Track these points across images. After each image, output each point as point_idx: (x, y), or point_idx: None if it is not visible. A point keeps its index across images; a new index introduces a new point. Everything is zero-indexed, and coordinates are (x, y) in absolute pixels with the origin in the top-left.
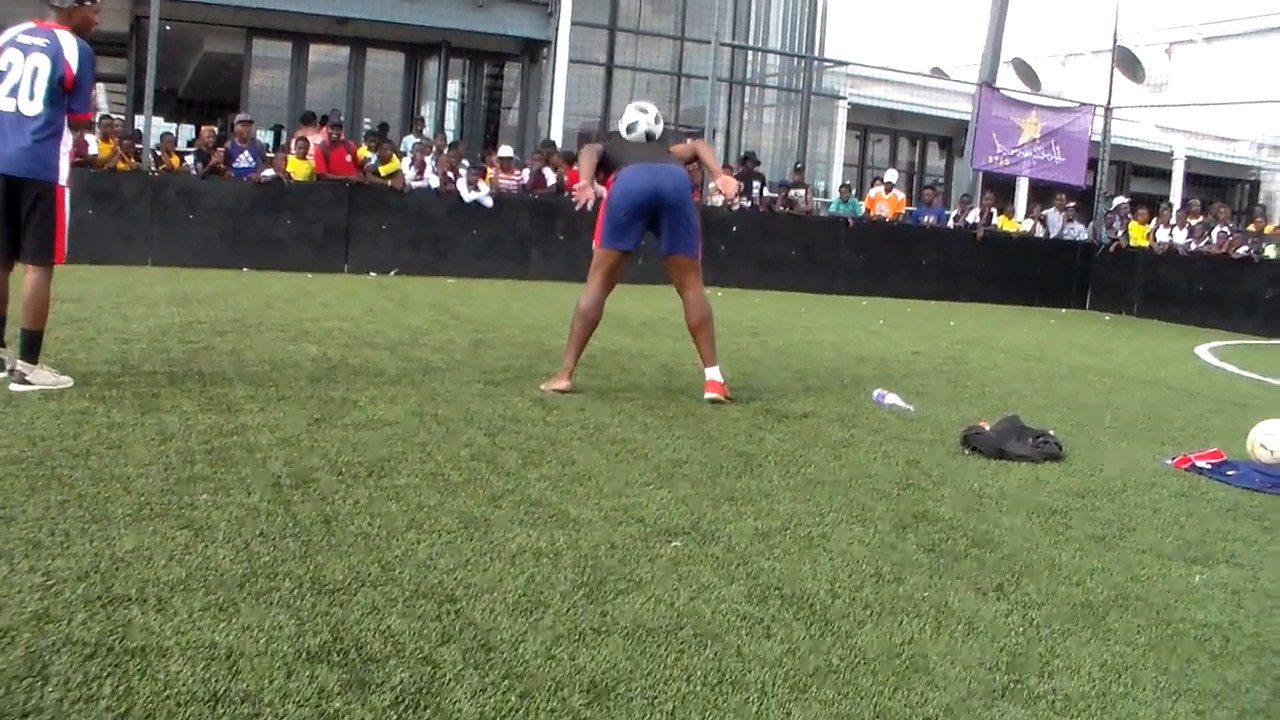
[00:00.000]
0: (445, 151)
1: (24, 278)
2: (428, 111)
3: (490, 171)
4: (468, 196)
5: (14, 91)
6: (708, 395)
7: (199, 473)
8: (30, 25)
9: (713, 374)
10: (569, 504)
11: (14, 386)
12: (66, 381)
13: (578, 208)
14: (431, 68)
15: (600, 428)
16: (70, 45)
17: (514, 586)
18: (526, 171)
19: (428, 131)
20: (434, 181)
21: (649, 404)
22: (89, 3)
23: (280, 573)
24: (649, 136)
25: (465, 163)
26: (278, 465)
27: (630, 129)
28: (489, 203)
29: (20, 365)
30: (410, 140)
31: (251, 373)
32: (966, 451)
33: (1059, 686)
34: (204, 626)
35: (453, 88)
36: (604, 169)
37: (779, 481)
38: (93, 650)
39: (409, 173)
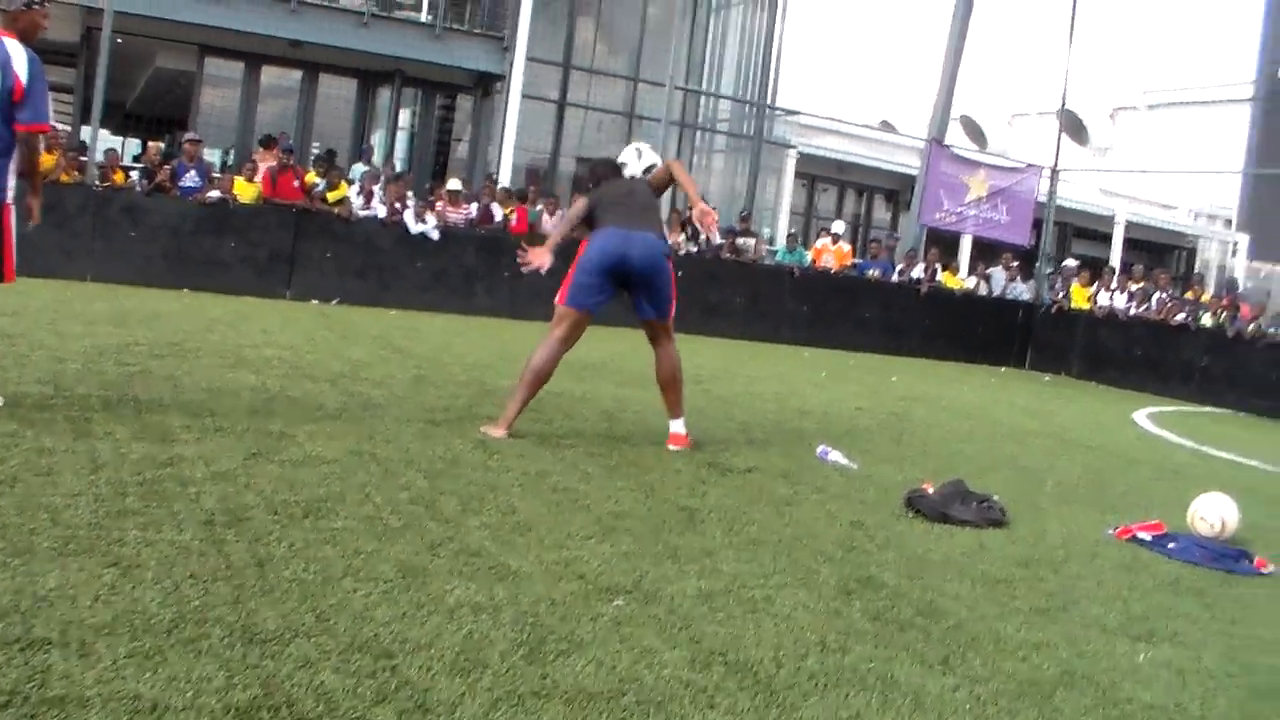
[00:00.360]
0: (393, 182)
1: None
2: (378, 140)
3: (438, 204)
4: (414, 228)
5: None
6: (670, 446)
7: (130, 506)
8: None
9: (676, 426)
10: (509, 555)
11: None
12: None
13: (526, 270)
14: (384, 96)
15: (541, 475)
16: (18, 54)
17: (452, 643)
18: (474, 206)
19: (376, 160)
20: (381, 211)
21: (591, 451)
22: (37, 6)
23: (210, 619)
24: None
25: (410, 194)
26: (211, 501)
27: (620, 167)
28: (435, 235)
29: None
30: (359, 168)
31: (188, 400)
32: (910, 514)
33: None
34: (128, 676)
35: (404, 117)
36: (586, 222)
37: (722, 539)
38: (7, 699)
39: (356, 201)
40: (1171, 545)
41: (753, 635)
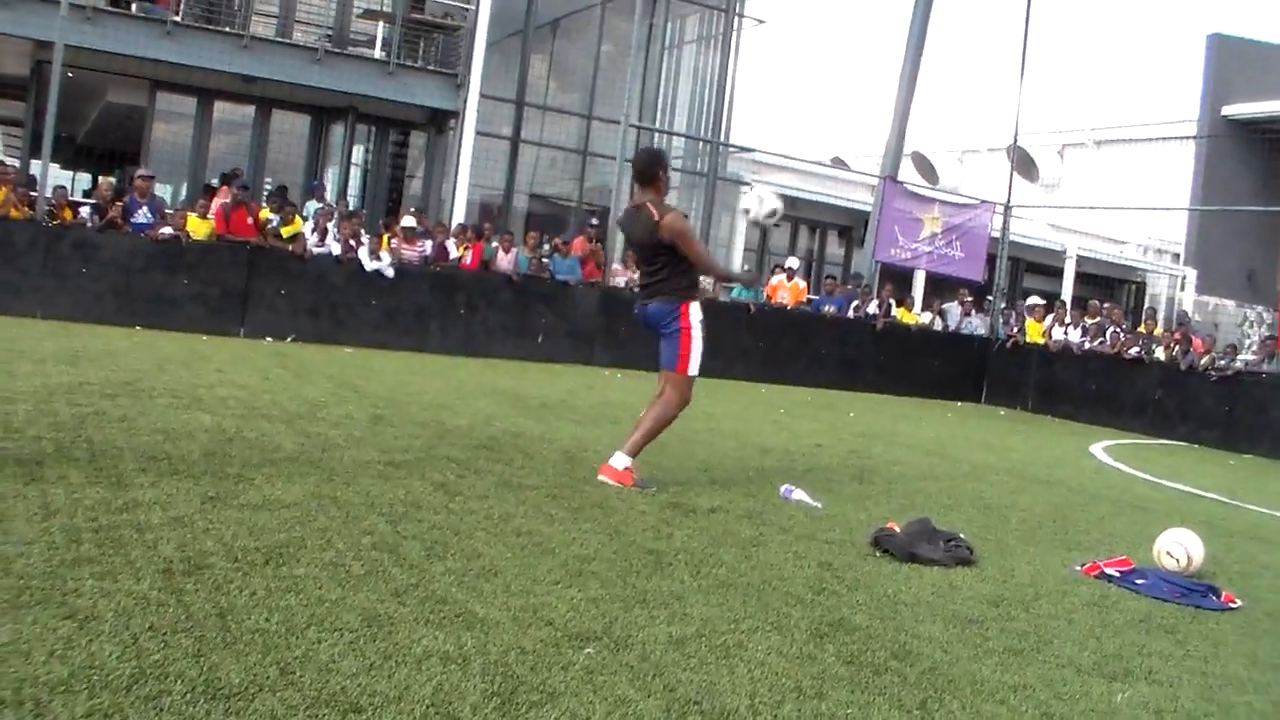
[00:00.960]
0: (346, 220)
1: None
2: (331, 176)
3: (391, 240)
4: (369, 265)
5: None
6: (600, 476)
7: (85, 554)
8: None
9: (615, 459)
10: (476, 602)
11: None
12: None
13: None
14: (337, 132)
15: (505, 518)
16: None
17: (422, 695)
18: (429, 243)
19: (329, 196)
20: (335, 248)
21: (553, 493)
22: None
23: (171, 674)
24: None
25: (363, 231)
26: (169, 548)
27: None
28: (390, 273)
29: None
30: (313, 205)
31: (143, 443)
32: (877, 554)
33: None
34: None
35: (357, 153)
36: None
37: (690, 583)
38: None
39: (311, 238)
40: (1140, 581)
41: (727, 682)
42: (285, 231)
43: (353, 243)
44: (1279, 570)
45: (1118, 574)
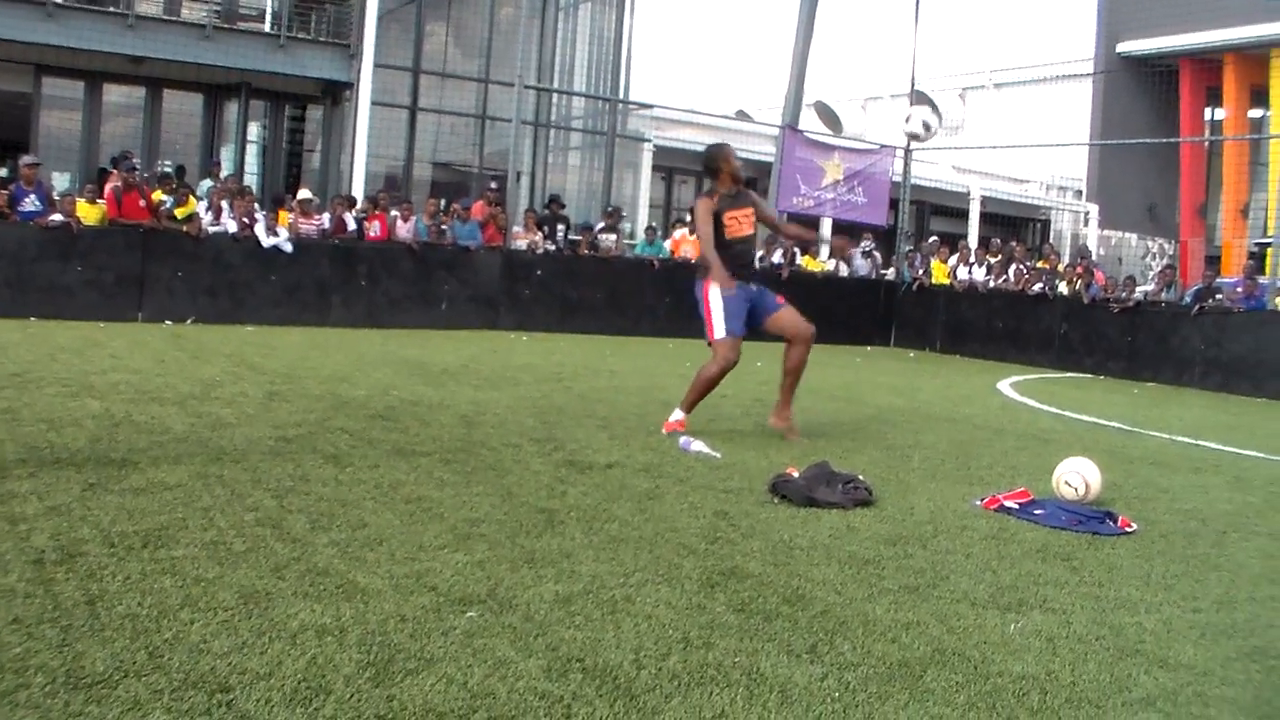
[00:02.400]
0: (238, 197)
1: None
2: (227, 154)
3: (289, 215)
4: (266, 242)
5: None
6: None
7: None
8: None
9: (675, 413)
10: (358, 572)
11: None
12: None
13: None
14: (231, 109)
15: (395, 486)
16: None
17: (294, 670)
18: (327, 216)
19: (226, 174)
20: (231, 226)
21: (447, 458)
22: None
23: (32, 666)
24: None
25: (258, 206)
26: (43, 538)
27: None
28: (289, 248)
29: None
30: (207, 184)
31: (26, 433)
32: (776, 500)
33: None
34: None
35: (253, 130)
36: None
37: (581, 540)
38: None
39: (206, 217)
40: (1038, 512)
41: (612, 637)
42: (180, 212)
43: (247, 220)
44: (1176, 493)
45: (1016, 506)
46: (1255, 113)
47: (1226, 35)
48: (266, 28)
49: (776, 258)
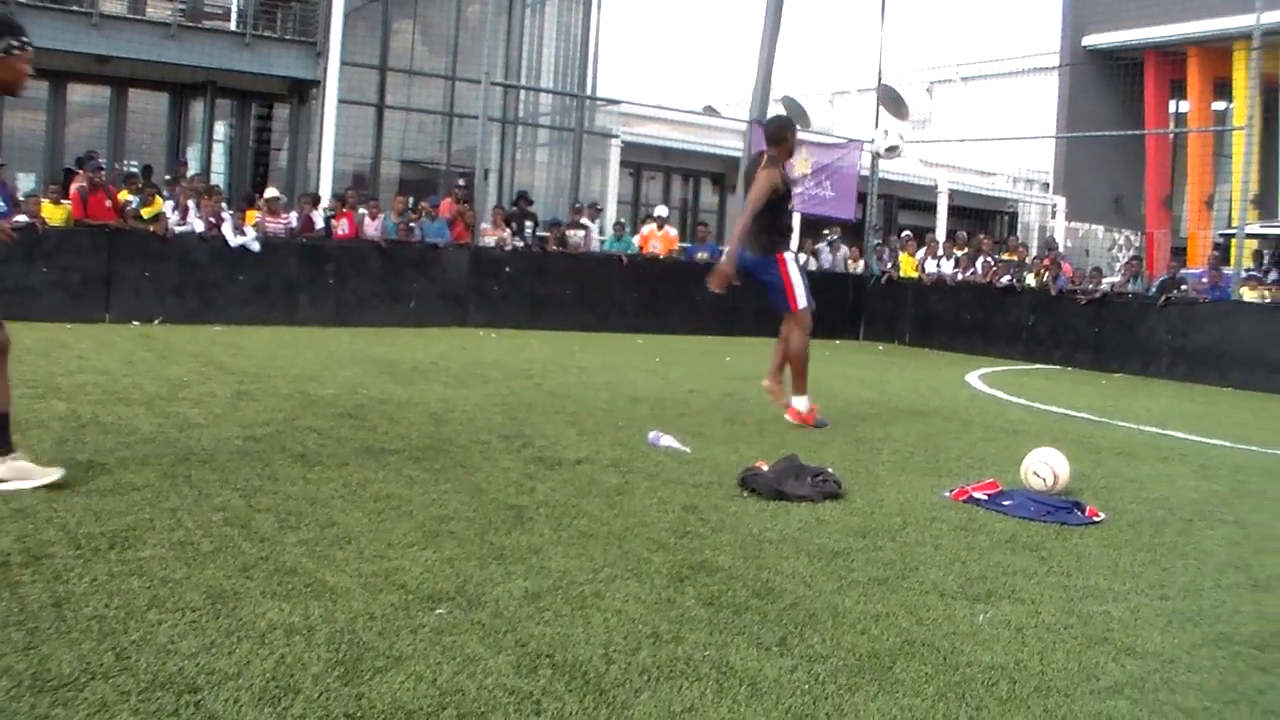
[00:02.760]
0: (205, 195)
1: None
2: (194, 153)
3: (256, 214)
4: (234, 241)
5: None
6: (786, 417)
7: None
8: None
9: (796, 402)
10: (326, 570)
11: None
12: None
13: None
14: (197, 108)
15: (363, 484)
16: None
17: (262, 670)
18: (294, 214)
19: (193, 173)
20: (198, 226)
21: (416, 456)
22: (17, 51)
23: None
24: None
25: (225, 205)
26: (8, 541)
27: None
28: (256, 247)
29: None
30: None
31: None
32: (745, 494)
33: None
34: None
35: (220, 129)
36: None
37: (550, 536)
38: None
39: (172, 217)
40: (1007, 503)
41: (581, 633)
42: (146, 212)
43: (212, 219)
44: (1143, 483)
45: (985, 497)
46: (1219, 105)
47: (1190, 29)
48: (232, 26)
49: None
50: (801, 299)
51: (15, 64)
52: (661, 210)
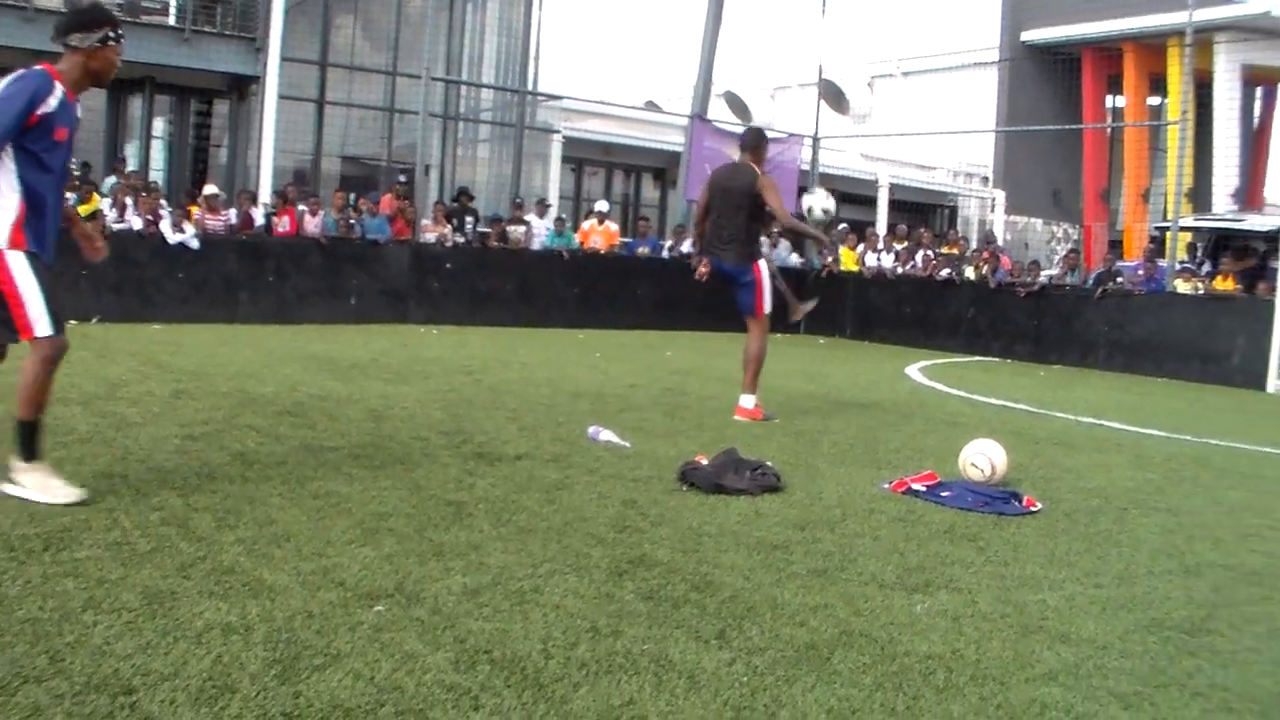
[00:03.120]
0: (143, 194)
1: None
2: (132, 150)
3: (195, 211)
4: (172, 239)
5: None
6: (735, 417)
7: None
8: None
9: (743, 400)
10: (265, 569)
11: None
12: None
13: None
14: (135, 105)
15: (302, 481)
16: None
17: (199, 670)
18: (233, 211)
19: (131, 170)
20: (137, 223)
21: (355, 453)
22: (112, 42)
23: None
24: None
25: (164, 203)
26: None
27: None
28: (195, 244)
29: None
30: (111, 181)
31: None
32: (684, 488)
33: None
34: None
35: (158, 125)
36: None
37: (490, 531)
38: None
39: (110, 214)
40: (945, 494)
41: (520, 628)
42: (83, 210)
43: (151, 217)
44: (1080, 472)
45: (924, 488)
46: (1154, 100)
47: (1125, 25)
48: (171, 21)
49: (686, 247)
50: (769, 305)
51: (109, 54)
52: (602, 205)
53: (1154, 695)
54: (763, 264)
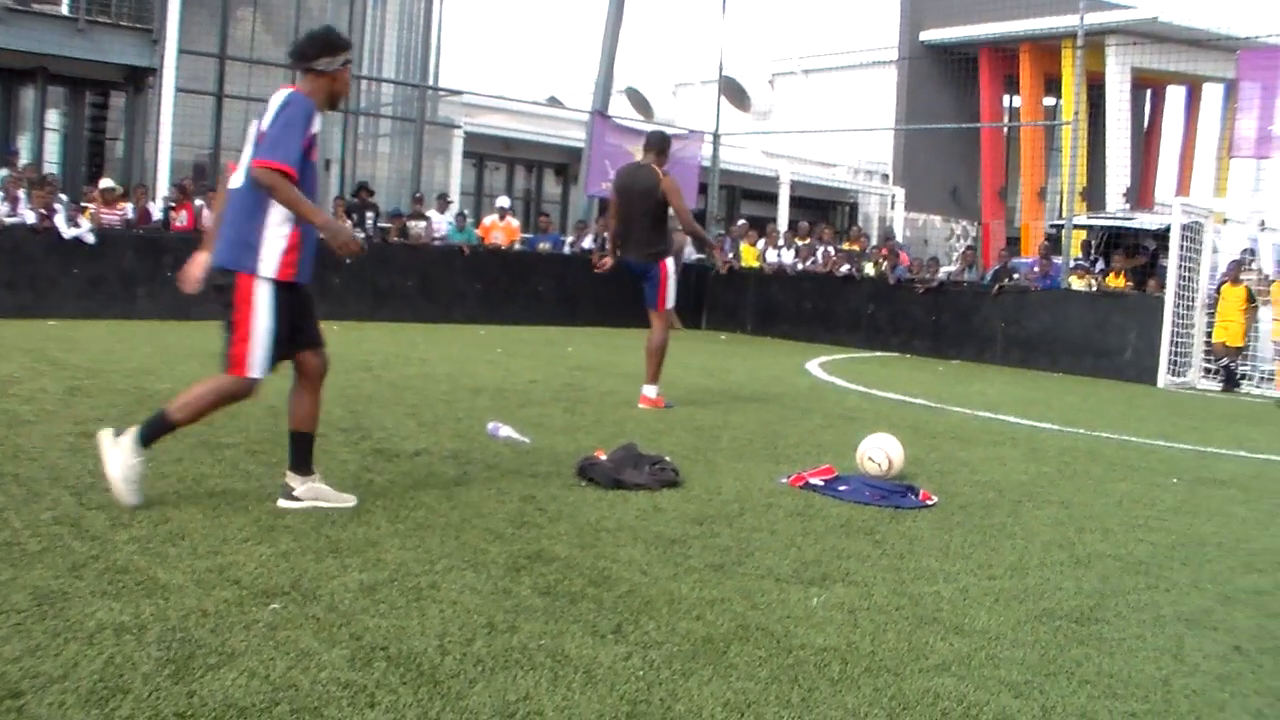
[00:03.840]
0: (38, 187)
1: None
2: (25, 142)
3: (91, 206)
4: (67, 233)
5: None
6: (639, 405)
7: None
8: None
9: (646, 390)
10: (159, 568)
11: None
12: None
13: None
14: (28, 95)
15: (199, 479)
16: (277, 97)
17: (90, 671)
18: (130, 205)
19: (23, 163)
20: (29, 217)
21: (253, 449)
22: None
23: None
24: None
25: (63, 196)
26: None
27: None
28: (91, 239)
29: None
30: (3, 173)
31: None
32: (583, 483)
33: None
34: None
35: (52, 117)
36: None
37: (387, 528)
38: None
39: (2, 208)
40: (843, 488)
41: (417, 625)
42: None
43: (45, 211)
44: (975, 466)
45: (821, 483)
46: (1049, 100)
47: (1021, 26)
48: (64, 10)
49: (587, 243)
50: (671, 300)
51: (347, 76)
52: (503, 201)
53: (1043, 684)
54: (669, 262)
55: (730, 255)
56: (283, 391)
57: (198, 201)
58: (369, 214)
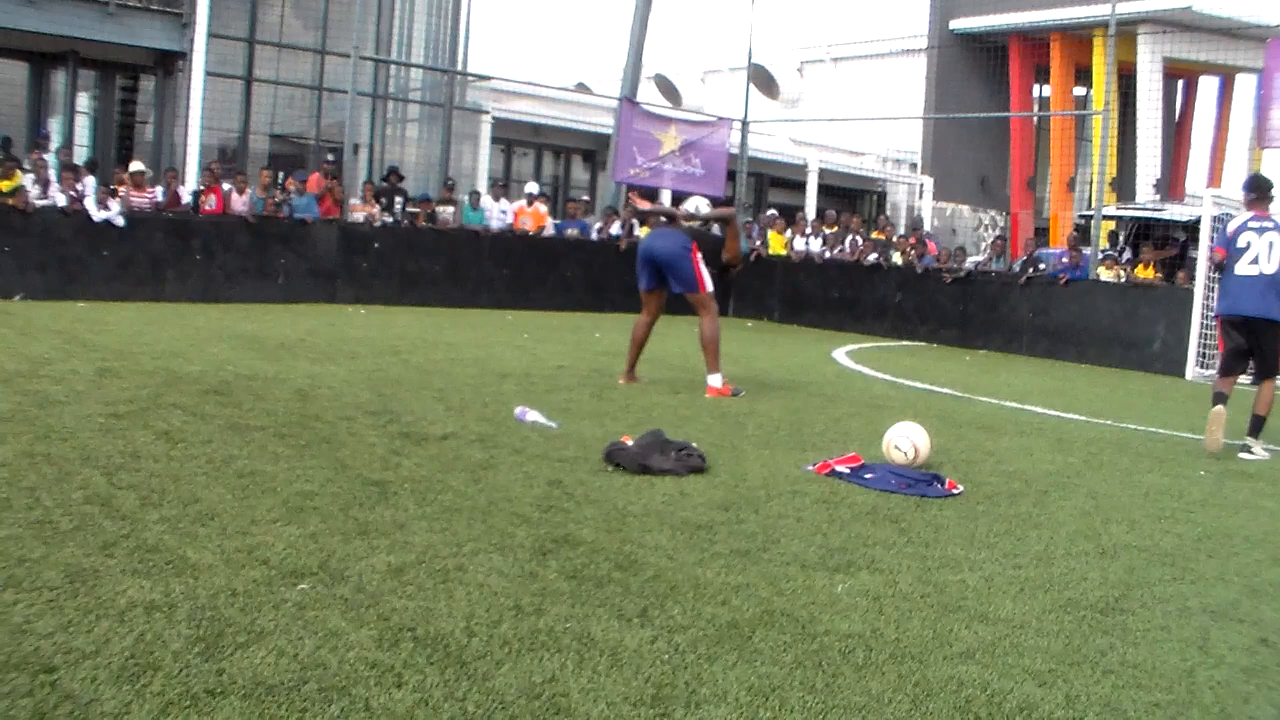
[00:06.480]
0: (67, 170)
1: None
2: (55, 125)
3: (121, 189)
4: (97, 215)
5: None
6: (707, 395)
7: None
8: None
9: (711, 380)
10: (189, 547)
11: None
12: None
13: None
14: (59, 79)
15: (227, 460)
16: None
17: (121, 648)
18: (160, 189)
19: (55, 146)
20: (60, 200)
21: (281, 432)
22: None
23: None
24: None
25: (91, 179)
26: None
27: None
28: (120, 222)
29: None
30: (50, 157)
31: None
32: (610, 468)
33: (706, 716)
34: None
35: (83, 101)
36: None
37: (415, 510)
38: None
39: (33, 190)
40: (869, 476)
41: (444, 606)
42: (4, 185)
43: (73, 194)
44: (1001, 456)
45: (847, 470)
46: (1080, 90)
47: (1052, 15)
48: None
49: (615, 229)
50: (709, 284)
51: None
52: (532, 187)
53: (1067, 673)
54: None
55: (758, 243)
56: (311, 375)
57: (225, 185)
58: (398, 198)
